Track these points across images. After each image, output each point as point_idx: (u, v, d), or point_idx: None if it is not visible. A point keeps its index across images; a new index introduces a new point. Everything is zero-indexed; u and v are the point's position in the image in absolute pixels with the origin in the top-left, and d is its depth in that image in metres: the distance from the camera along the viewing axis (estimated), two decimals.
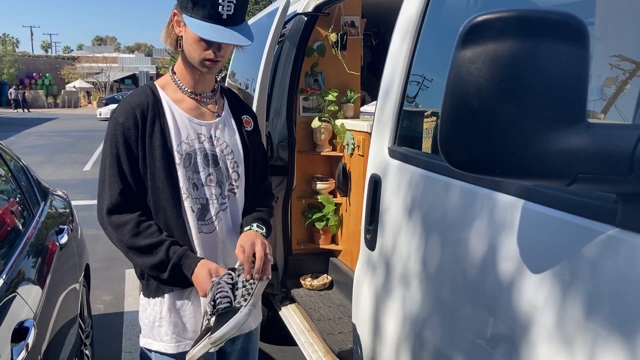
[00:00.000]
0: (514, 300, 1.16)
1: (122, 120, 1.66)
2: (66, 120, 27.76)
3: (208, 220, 1.73)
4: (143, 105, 1.68)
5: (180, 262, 1.63)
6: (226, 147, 1.77)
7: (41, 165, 11.65)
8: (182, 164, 1.68)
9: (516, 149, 0.86)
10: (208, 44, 1.63)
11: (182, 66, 1.74)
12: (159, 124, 1.67)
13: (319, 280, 3.57)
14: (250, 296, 1.57)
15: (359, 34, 3.64)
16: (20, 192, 2.80)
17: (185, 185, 1.69)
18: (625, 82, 1.04)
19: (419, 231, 1.58)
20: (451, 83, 0.89)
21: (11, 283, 1.92)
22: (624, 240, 0.91)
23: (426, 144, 1.69)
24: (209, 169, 1.73)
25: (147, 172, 1.66)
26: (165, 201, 1.67)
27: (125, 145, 1.65)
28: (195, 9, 1.59)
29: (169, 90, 1.74)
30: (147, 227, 1.65)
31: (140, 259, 1.66)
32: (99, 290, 4.76)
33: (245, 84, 3.94)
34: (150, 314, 1.76)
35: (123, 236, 1.64)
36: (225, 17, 1.58)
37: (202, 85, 1.76)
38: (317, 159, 3.67)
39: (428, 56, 1.78)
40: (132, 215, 1.65)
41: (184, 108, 1.73)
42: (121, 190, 1.64)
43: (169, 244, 1.64)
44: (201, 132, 1.73)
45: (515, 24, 0.85)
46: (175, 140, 1.68)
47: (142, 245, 1.63)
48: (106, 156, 1.67)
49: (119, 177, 1.64)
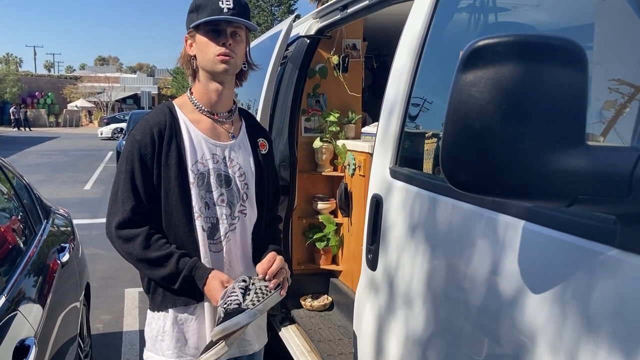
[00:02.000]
0: (516, 321, 1.16)
1: (139, 137, 1.68)
2: (67, 140, 27.85)
3: (217, 239, 1.75)
4: (161, 124, 1.71)
5: (191, 274, 1.66)
6: (239, 168, 1.79)
7: (42, 184, 11.66)
8: (196, 183, 1.71)
9: (517, 170, 0.88)
10: (217, 41, 1.68)
11: (199, 86, 1.78)
12: (176, 142, 1.70)
13: (320, 300, 3.56)
14: (259, 302, 1.59)
15: (361, 57, 3.69)
16: (22, 209, 2.82)
17: (198, 204, 1.71)
18: (624, 106, 1.06)
19: (420, 251, 1.59)
20: (453, 105, 0.91)
21: (13, 301, 1.92)
22: (623, 261, 0.92)
23: (427, 164, 1.71)
24: (221, 189, 1.75)
25: (161, 189, 1.69)
26: (178, 219, 1.69)
27: (141, 163, 1.67)
28: (199, 13, 1.68)
29: (187, 110, 1.77)
30: (157, 240, 1.67)
31: (150, 271, 1.68)
32: (98, 309, 4.74)
33: (247, 104, 3.97)
34: (154, 327, 1.77)
35: (133, 249, 1.66)
36: (226, 10, 1.66)
37: (219, 105, 1.78)
38: (318, 178, 3.68)
39: (430, 78, 1.81)
40: (142, 228, 1.66)
41: (201, 128, 1.75)
42: (133, 207, 1.66)
43: (179, 256, 1.66)
44: (216, 152, 1.76)
45: (516, 48, 0.87)
46: (190, 160, 1.70)
47: (152, 257, 1.65)
48: (121, 172, 1.69)
49: (132, 193, 1.66)
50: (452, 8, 1.81)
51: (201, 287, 1.66)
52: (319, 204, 3.61)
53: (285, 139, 3.47)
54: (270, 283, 1.66)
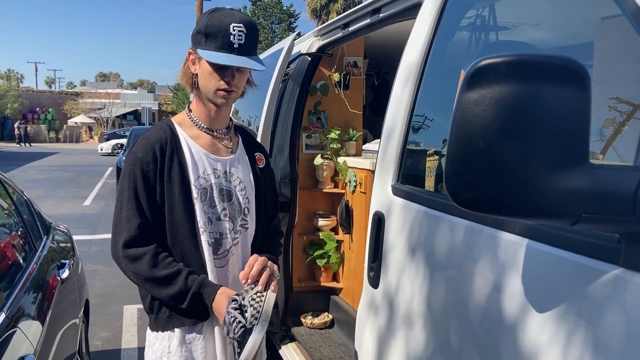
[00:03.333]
0: (518, 340, 1.15)
1: (141, 155, 1.69)
2: (67, 155, 27.87)
3: (221, 254, 1.75)
4: (162, 140, 1.72)
5: (200, 291, 1.65)
6: (239, 182, 1.80)
7: (41, 199, 11.64)
8: (199, 198, 1.71)
9: (521, 188, 0.88)
10: (222, 75, 1.68)
11: (197, 104, 1.79)
12: (177, 159, 1.70)
13: (320, 318, 3.53)
14: (259, 313, 1.58)
15: (362, 74, 3.72)
16: (23, 225, 2.81)
17: (202, 219, 1.71)
18: (623, 124, 1.06)
19: (422, 269, 1.58)
20: (456, 124, 0.91)
21: (12, 318, 1.91)
22: (628, 280, 0.92)
23: (429, 182, 1.71)
24: (224, 204, 1.76)
25: (165, 205, 1.69)
26: (183, 235, 1.69)
27: (144, 180, 1.67)
28: (209, 41, 1.66)
29: (185, 126, 1.78)
30: (164, 258, 1.66)
31: (158, 290, 1.66)
32: (96, 326, 4.70)
33: (249, 121, 3.99)
34: (157, 348, 1.73)
35: (141, 268, 1.64)
36: (237, 45, 1.65)
37: (217, 122, 1.80)
38: (319, 195, 3.68)
39: (431, 96, 1.82)
40: (149, 247, 1.66)
41: (201, 144, 1.77)
42: (139, 225, 1.65)
43: (187, 273, 1.66)
44: (217, 167, 1.77)
45: (519, 67, 0.88)
46: (192, 175, 1.71)
47: (160, 276, 1.64)
48: (124, 190, 1.69)
49: (137, 211, 1.66)
50: (454, 27, 1.83)
51: (209, 303, 1.65)
52: (319, 221, 3.61)
53: (286, 155, 3.48)
54: (258, 286, 1.65)
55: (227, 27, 1.64)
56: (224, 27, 1.64)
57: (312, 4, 31.52)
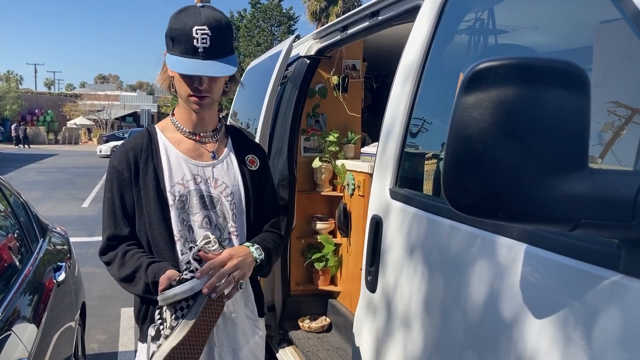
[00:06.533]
0: (516, 345, 1.14)
1: (116, 164, 1.69)
2: (66, 157, 27.85)
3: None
4: (137, 147, 1.70)
5: (156, 279, 1.54)
6: (225, 188, 1.73)
7: (39, 201, 11.62)
8: (175, 206, 1.66)
9: (519, 193, 0.87)
10: (189, 80, 1.62)
11: (179, 107, 1.76)
12: (152, 165, 1.67)
13: (318, 322, 3.52)
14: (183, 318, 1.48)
15: (360, 77, 3.71)
16: (19, 227, 2.80)
17: (178, 227, 1.66)
18: (622, 128, 1.05)
19: (420, 273, 1.57)
20: (454, 128, 0.90)
21: (7, 321, 1.90)
22: (627, 286, 0.91)
23: (427, 185, 1.70)
24: (205, 211, 1.69)
25: (143, 212, 1.66)
26: (161, 242, 1.66)
27: (120, 189, 1.67)
28: (175, 45, 1.60)
29: (168, 132, 1.75)
30: (132, 256, 1.63)
31: (132, 289, 1.64)
32: (93, 329, 4.68)
33: (247, 123, 3.98)
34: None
35: (114, 271, 1.65)
36: (201, 50, 1.56)
37: (201, 126, 1.75)
38: (318, 198, 3.67)
39: (429, 99, 1.81)
40: (118, 248, 1.65)
41: (182, 149, 1.72)
42: (112, 235, 1.66)
43: (147, 265, 1.59)
44: (197, 173, 1.71)
45: (518, 71, 0.87)
46: (168, 182, 1.67)
47: (126, 275, 1.61)
48: (105, 200, 1.70)
49: (113, 220, 1.67)
50: (453, 29, 1.82)
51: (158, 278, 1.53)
52: (317, 224, 3.60)
53: (284, 158, 3.47)
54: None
55: (189, 31, 1.56)
56: (187, 31, 1.57)
57: (311, 7, 31.58)
